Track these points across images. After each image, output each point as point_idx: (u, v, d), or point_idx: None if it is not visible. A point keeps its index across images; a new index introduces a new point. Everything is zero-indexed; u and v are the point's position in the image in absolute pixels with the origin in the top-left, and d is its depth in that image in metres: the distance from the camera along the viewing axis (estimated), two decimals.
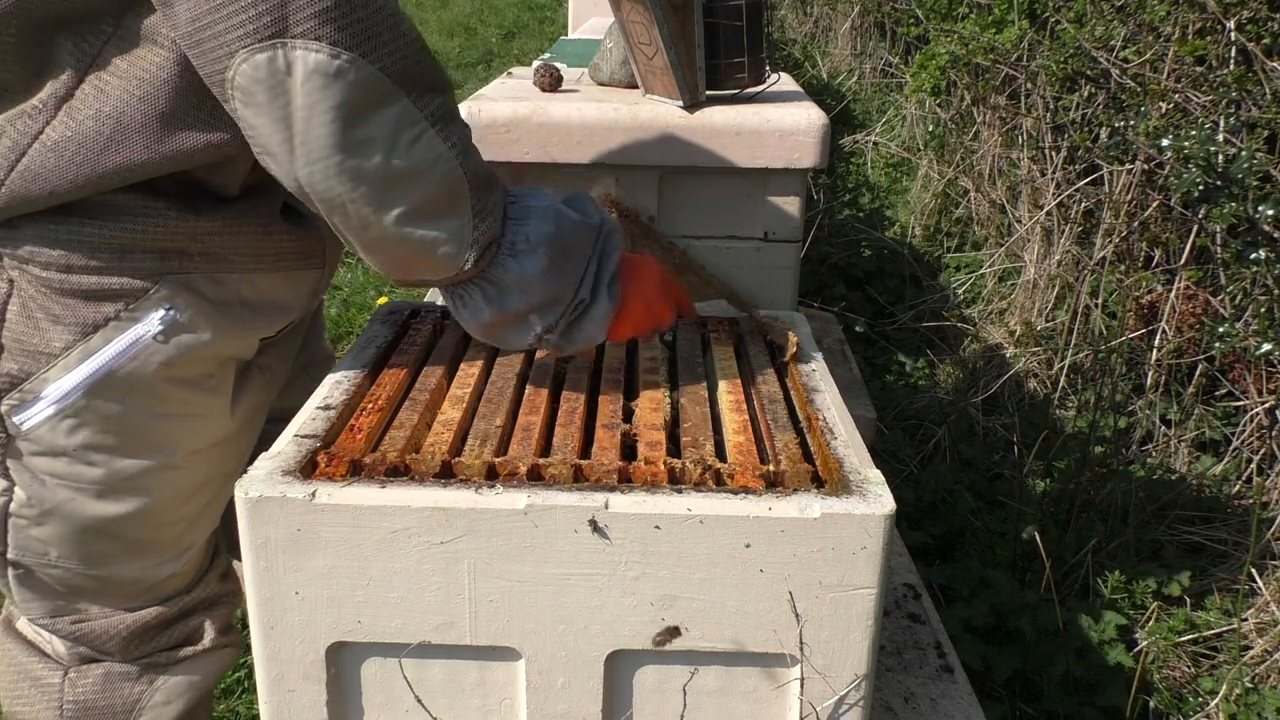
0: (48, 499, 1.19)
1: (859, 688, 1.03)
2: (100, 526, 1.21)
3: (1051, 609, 2.14)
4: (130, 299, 1.13)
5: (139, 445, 1.19)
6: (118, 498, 1.20)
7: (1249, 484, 2.59)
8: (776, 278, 1.97)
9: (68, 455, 1.17)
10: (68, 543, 1.22)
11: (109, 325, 1.13)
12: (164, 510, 1.24)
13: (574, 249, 1.11)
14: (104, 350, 1.13)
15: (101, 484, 1.19)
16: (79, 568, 1.24)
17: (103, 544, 1.23)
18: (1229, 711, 2.00)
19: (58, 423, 1.14)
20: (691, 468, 1.05)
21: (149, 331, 1.13)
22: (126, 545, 1.25)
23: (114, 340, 1.13)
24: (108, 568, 1.25)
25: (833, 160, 5.24)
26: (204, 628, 1.36)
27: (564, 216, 1.11)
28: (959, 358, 3.52)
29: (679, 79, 1.83)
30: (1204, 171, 2.14)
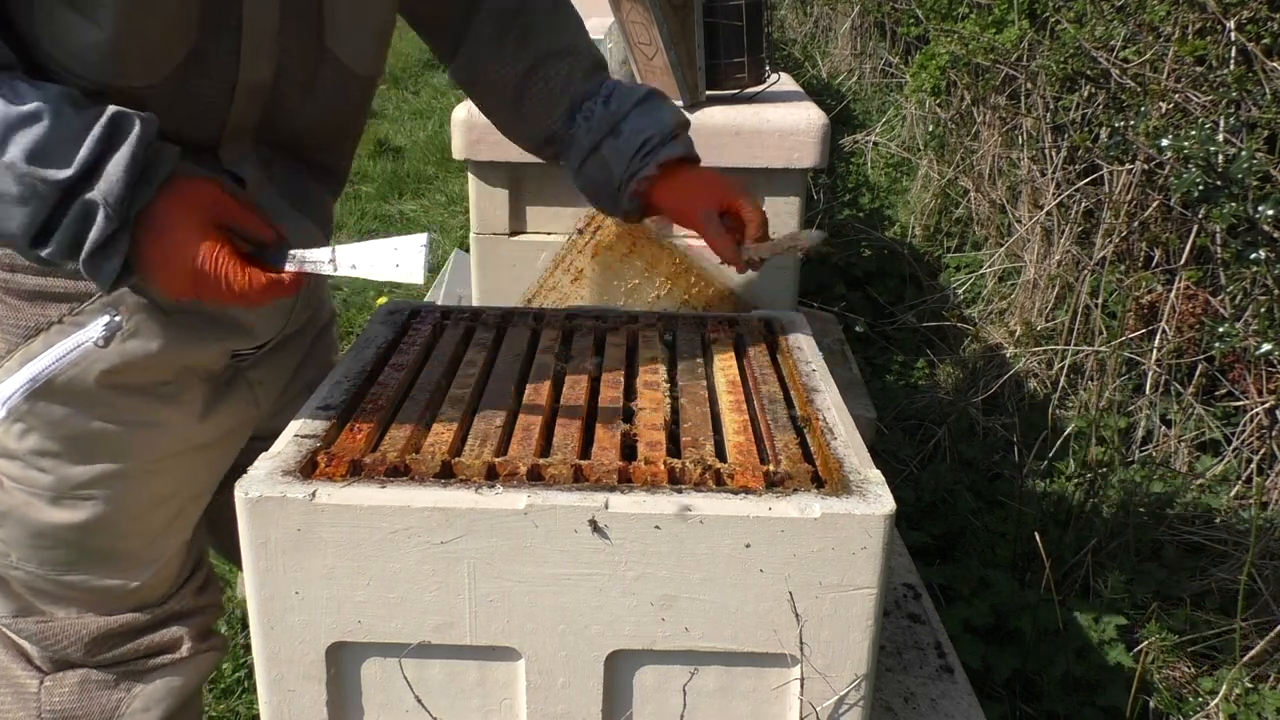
0: (4, 500, 1.17)
1: (859, 688, 1.03)
2: (55, 534, 1.19)
3: (1051, 609, 2.14)
4: (75, 302, 1.10)
5: (87, 452, 1.16)
6: (71, 505, 1.18)
7: (1249, 484, 2.59)
8: (776, 278, 1.97)
9: (20, 459, 1.15)
10: (25, 546, 1.20)
11: (51, 329, 1.10)
12: (122, 521, 1.21)
13: (4, 198, 0.92)
14: (44, 355, 1.10)
15: (53, 490, 1.17)
16: (40, 571, 1.22)
17: (61, 551, 1.21)
18: (1229, 711, 2.00)
19: (9, 425, 1.13)
20: (691, 468, 1.05)
21: (90, 338, 1.10)
22: (86, 554, 1.22)
23: (55, 345, 1.10)
24: (69, 574, 1.23)
25: (833, 160, 5.24)
26: (181, 637, 1.33)
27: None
28: (959, 358, 3.52)
29: (679, 79, 1.83)
30: (1204, 171, 2.14)
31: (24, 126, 0.91)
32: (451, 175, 5.64)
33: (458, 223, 4.95)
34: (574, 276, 1.99)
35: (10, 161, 0.90)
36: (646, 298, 2.00)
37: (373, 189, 5.47)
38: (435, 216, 5.15)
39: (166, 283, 1.00)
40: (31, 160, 0.91)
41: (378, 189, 5.47)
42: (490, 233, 1.97)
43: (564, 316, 1.49)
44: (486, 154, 1.89)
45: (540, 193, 1.95)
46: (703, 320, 1.49)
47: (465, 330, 1.43)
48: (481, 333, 1.43)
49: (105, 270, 0.96)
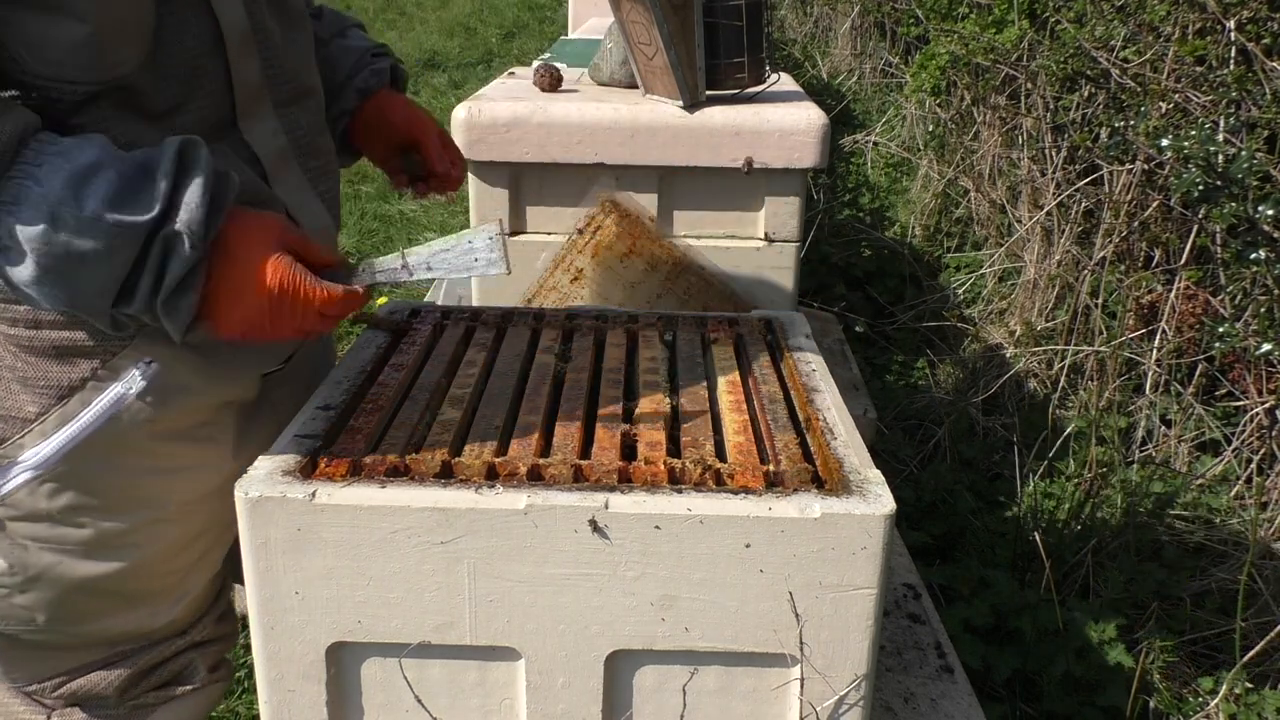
0: (31, 564, 1.12)
1: (859, 688, 1.03)
2: (89, 586, 1.15)
3: (1051, 609, 2.14)
4: (105, 355, 1.06)
5: (127, 503, 1.12)
6: (106, 556, 1.13)
7: (1249, 484, 2.59)
8: (776, 278, 1.97)
9: (51, 518, 1.10)
10: (56, 606, 1.15)
11: (86, 387, 1.06)
12: (157, 563, 1.18)
13: (87, 254, 0.89)
14: (83, 415, 1.06)
15: (88, 544, 1.12)
16: (69, 627, 1.17)
17: (94, 602, 1.17)
18: (1229, 711, 2.00)
19: (36, 487, 1.07)
20: (691, 468, 1.05)
21: (130, 390, 1.06)
22: (119, 600, 1.18)
23: (93, 403, 1.06)
24: (99, 622, 1.19)
25: (833, 160, 5.24)
26: (196, 666, 1.30)
27: (65, 213, 0.87)
28: (959, 358, 3.52)
29: (679, 79, 1.83)
30: (1204, 171, 2.14)
31: (92, 177, 0.88)
32: None
33: (458, 223, 4.95)
34: (574, 276, 1.99)
35: (94, 215, 0.87)
36: (646, 298, 2.00)
37: (373, 189, 5.47)
38: (435, 216, 5.15)
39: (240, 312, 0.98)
40: (113, 208, 0.88)
41: (378, 189, 5.47)
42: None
43: (564, 316, 1.49)
44: (486, 154, 1.89)
45: (540, 193, 1.95)
46: (703, 320, 1.50)
47: (465, 330, 1.43)
48: (481, 333, 1.43)
49: (182, 309, 0.94)
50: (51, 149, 0.88)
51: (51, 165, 0.88)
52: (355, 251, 4.71)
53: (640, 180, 1.92)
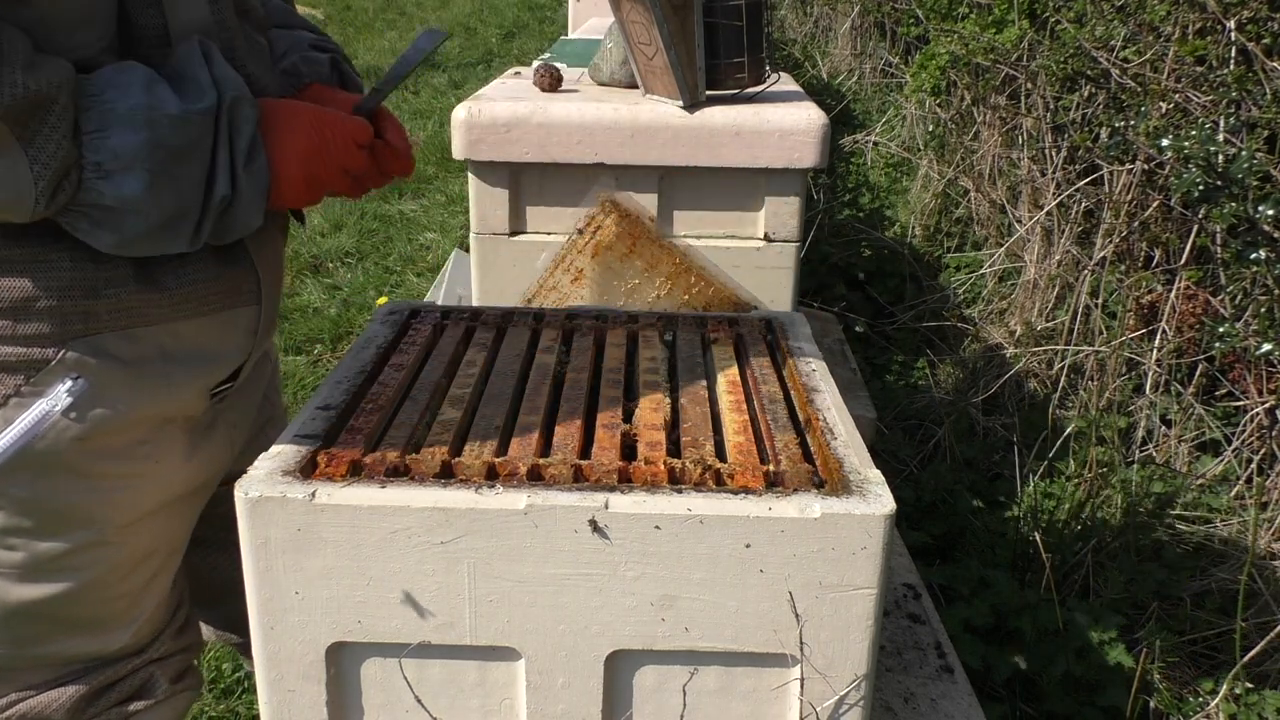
0: None
1: (859, 688, 1.03)
2: (28, 610, 1.11)
3: (1051, 609, 2.14)
4: (30, 370, 1.01)
5: (60, 525, 1.08)
6: (44, 579, 1.10)
7: (1249, 484, 2.59)
8: (776, 278, 1.97)
9: None
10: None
11: (9, 404, 1.01)
12: (102, 588, 1.14)
13: (185, 148, 0.96)
14: (7, 432, 1.01)
15: (23, 567, 1.09)
16: (12, 650, 1.14)
17: (35, 626, 1.13)
18: (1229, 711, 2.00)
19: None
20: (691, 468, 1.05)
21: (55, 407, 1.02)
22: (63, 624, 1.14)
23: (17, 420, 1.01)
24: (45, 646, 1.15)
25: (833, 160, 5.24)
26: (156, 680, 1.25)
27: (158, 115, 0.94)
28: (959, 358, 3.52)
29: (679, 79, 1.83)
30: (1204, 171, 2.14)
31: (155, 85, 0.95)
32: (451, 175, 5.64)
33: (458, 223, 4.96)
34: (574, 276, 1.99)
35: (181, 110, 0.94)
36: (646, 298, 2.00)
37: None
38: (435, 216, 5.15)
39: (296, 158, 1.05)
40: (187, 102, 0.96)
41: (377, 189, 5.46)
42: (490, 233, 1.97)
43: (564, 316, 1.49)
44: (486, 154, 1.89)
45: (540, 193, 1.95)
46: (703, 320, 1.50)
47: (465, 330, 1.43)
48: (481, 333, 1.43)
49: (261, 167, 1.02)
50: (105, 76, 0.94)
51: (118, 86, 0.93)
52: (356, 251, 4.71)
53: (640, 180, 1.92)
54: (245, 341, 1.19)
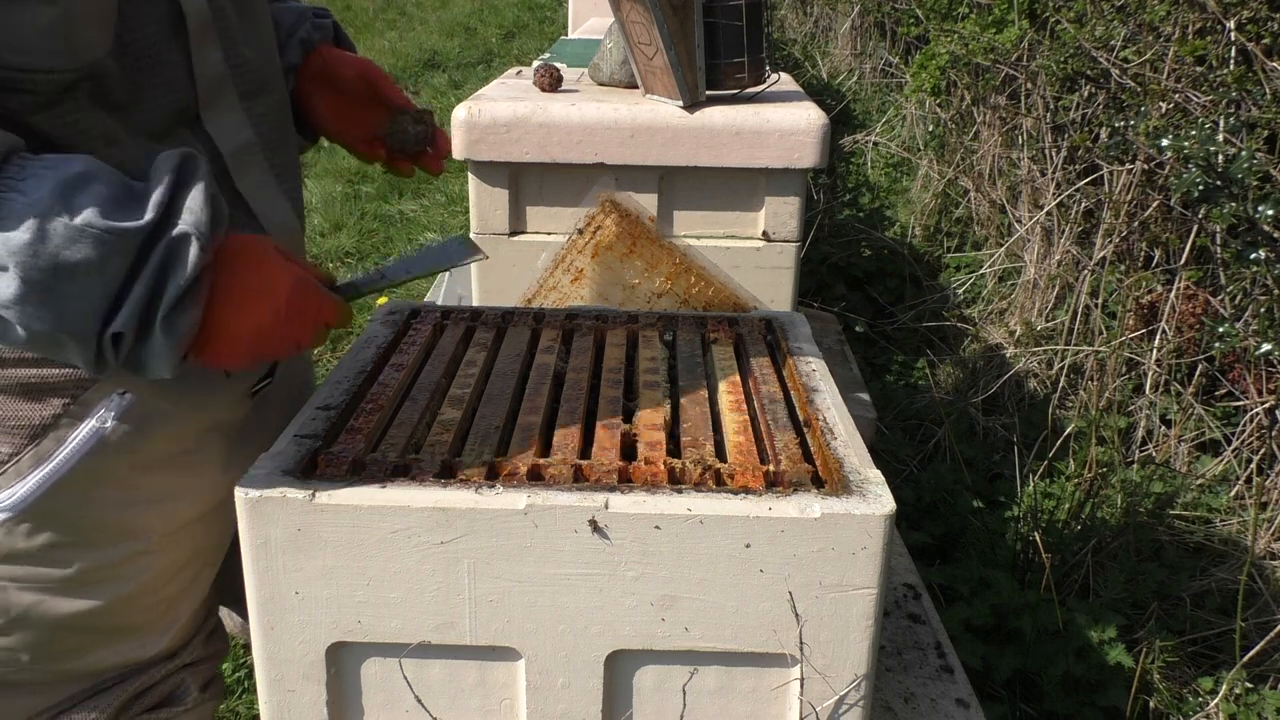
0: (12, 605, 1.08)
1: (859, 688, 1.03)
2: (74, 623, 1.10)
3: (1051, 609, 2.14)
4: (77, 390, 1.01)
5: (108, 537, 1.08)
6: (90, 592, 1.09)
7: (1249, 484, 2.59)
8: (776, 278, 1.97)
9: (29, 558, 1.06)
10: (40, 645, 1.10)
11: (60, 425, 1.01)
12: (143, 595, 1.14)
13: (77, 266, 0.82)
14: (59, 453, 1.02)
15: (70, 581, 1.08)
16: (55, 665, 1.13)
17: (79, 638, 1.12)
18: (1229, 711, 2.00)
19: (13, 526, 1.03)
20: (691, 468, 1.05)
21: (106, 425, 1.02)
22: (105, 635, 1.14)
23: (69, 440, 1.02)
24: (86, 658, 1.14)
25: (833, 160, 5.24)
26: (187, 686, 1.25)
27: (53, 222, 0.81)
28: (959, 358, 3.52)
29: (679, 79, 1.83)
30: (1204, 171, 2.14)
31: (83, 186, 0.83)
32: (451, 175, 5.64)
33: (458, 223, 4.96)
34: (574, 276, 1.99)
35: (85, 223, 0.81)
36: (646, 298, 2.00)
37: (373, 189, 5.47)
38: (435, 216, 5.15)
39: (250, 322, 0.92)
40: (106, 215, 0.82)
41: (378, 189, 5.46)
42: (490, 233, 1.97)
43: (564, 316, 1.49)
44: (486, 154, 1.89)
45: (540, 193, 1.95)
46: (703, 320, 1.50)
47: (465, 330, 1.43)
48: (481, 333, 1.43)
49: (183, 325, 0.88)
50: (37, 163, 0.84)
51: (38, 178, 0.83)
52: (356, 251, 4.71)
53: (640, 180, 1.92)
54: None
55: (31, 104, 0.89)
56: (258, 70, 1.12)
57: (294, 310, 0.95)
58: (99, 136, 0.94)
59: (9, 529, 1.04)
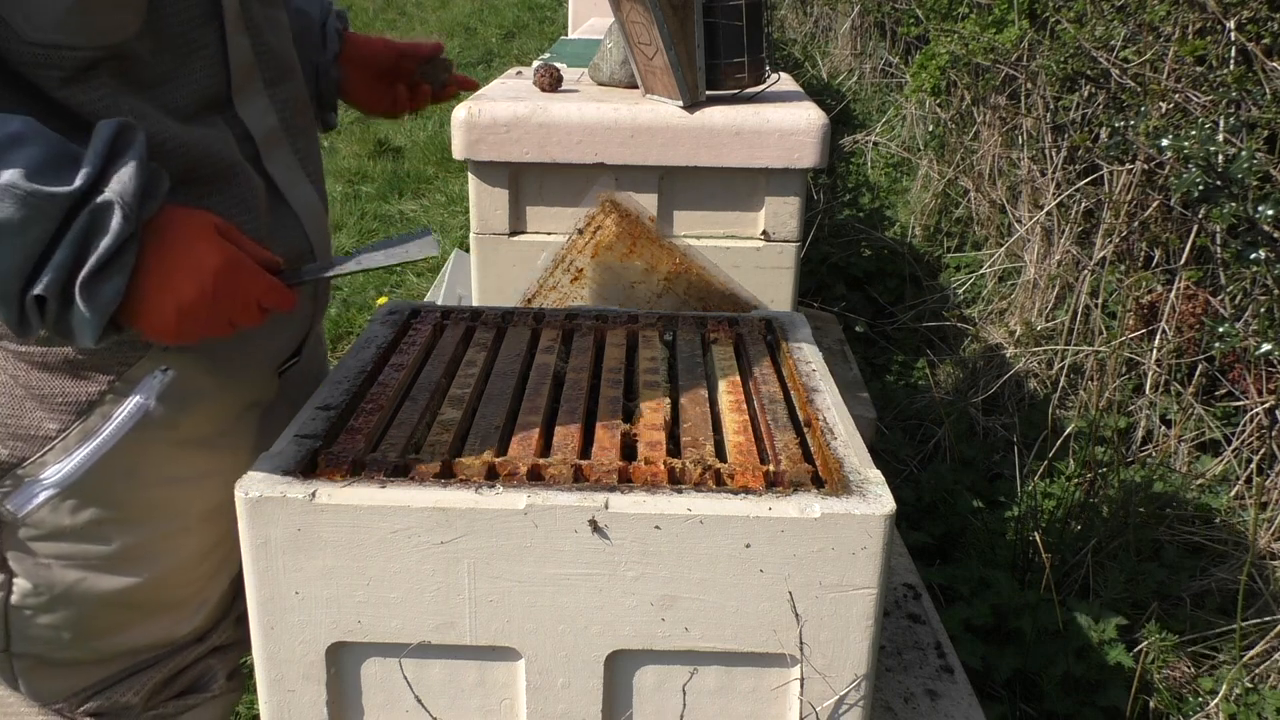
0: (56, 582, 1.11)
1: (859, 688, 1.03)
2: (114, 599, 1.14)
3: (1051, 609, 2.14)
4: (121, 366, 1.05)
5: (149, 515, 1.12)
6: (129, 569, 1.13)
7: (1249, 484, 2.59)
8: (776, 278, 1.97)
9: (74, 534, 1.09)
10: (81, 622, 1.14)
11: (105, 400, 1.05)
12: (179, 573, 1.18)
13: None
14: (104, 428, 1.05)
15: (112, 558, 1.12)
16: (94, 643, 1.17)
17: (118, 615, 1.16)
18: (1229, 711, 2.00)
19: (59, 503, 1.07)
20: (691, 468, 1.05)
21: (149, 400, 1.06)
22: (142, 612, 1.18)
23: (114, 416, 1.05)
24: (123, 636, 1.18)
25: (833, 160, 5.24)
26: (214, 673, 1.29)
27: None
28: (959, 358, 3.52)
29: (679, 79, 1.83)
30: (1204, 171, 2.14)
31: (14, 147, 0.83)
32: (451, 175, 5.64)
33: (458, 223, 4.95)
34: (574, 276, 1.99)
35: (9, 181, 0.81)
36: (646, 298, 2.00)
37: (373, 189, 5.47)
38: (435, 216, 5.15)
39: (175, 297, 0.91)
40: (32, 178, 0.82)
41: (378, 189, 5.47)
42: (490, 233, 1.97)
43: (564, 316, 1.49)
44: (486, 154, 1.89)
45: (540, 193, 1.95)
46: (703, 320, 1.50)
47: (465, 330, 1.43)
48: (481, 333, 1.43)
49: (105, 293, 0.87)
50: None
51: None
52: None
53: (640, 180, 1.92)
54: (306, 307, 1.24)
55: (58, 79, 0.92)
56: (280, 58, 1.17)
57: (222, 288, 0.93)
58: (127, 113, 0.96)
59: (55, 506, 1.07)
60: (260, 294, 0.97)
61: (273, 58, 1.15)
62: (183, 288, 0.91)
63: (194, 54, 1.04)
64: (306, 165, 1.21)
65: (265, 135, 1.13)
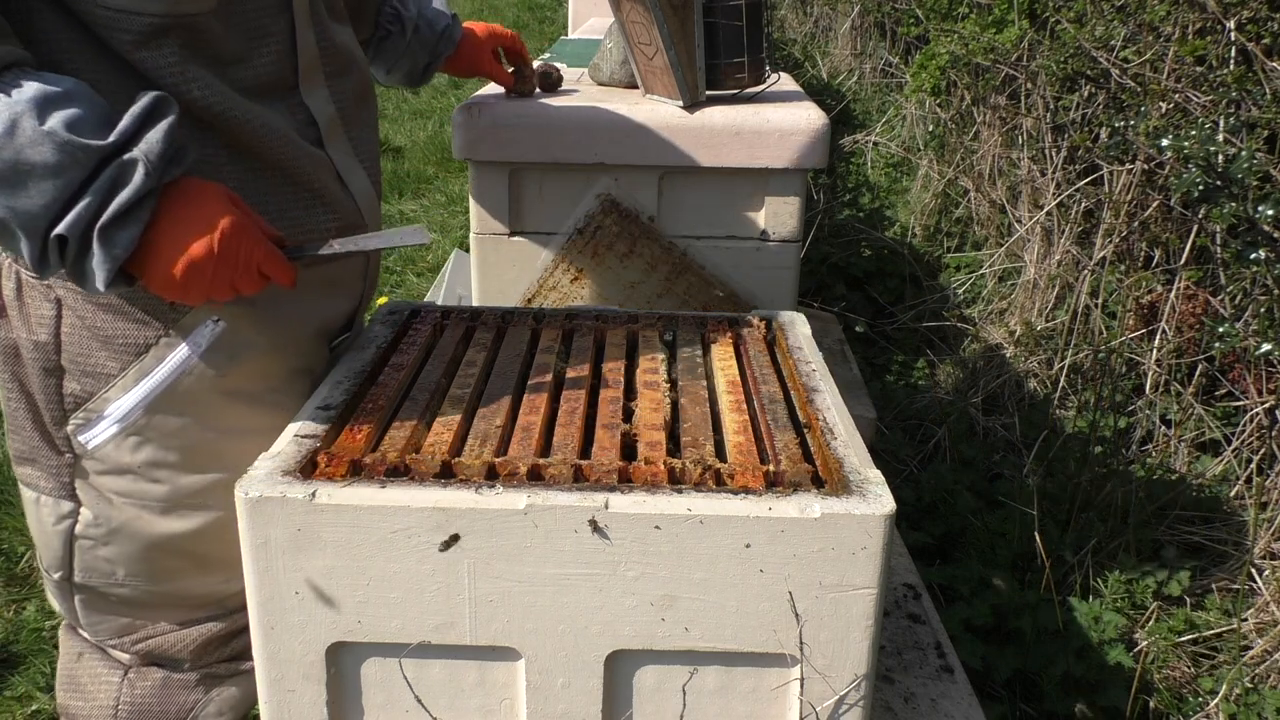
0: (115, 517, 1.20)
1: (859, 688, 1.03)
2: (166, 544, 1.22)
3: (1051, 609, 2.14)
4: (176, 313, 1.13)
5: (202, 461, 1.19)
6: (182, 514, 1.21)
7: (1249, 484, 2.59)
8: (776, 278, 1.97)
9: (133, 472, 1.17)
10: (136, 560, 1.22)
11: (160, 343, 1.14)
12: (230, 526, 1.18)
13: (34, 168, 0.91)
14: (157, 370, 1.14)
15: (166, 500, 1.19)
16: (147, 585, 1.24)
17: (170, 560, 1.23)
18: (1229, 711, 2.00)
19: (122, 440, 1.16)
20: (691, 468, 1.05)
21: (200, 346, 1.14)
22: (194, 561, 1.24)
23: (166, 359, 1.14)
24: (175, 583, 1.25)
25: (833, 160, 5.24)
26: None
27: (23, 125, 0.90)
28: (959, 358, 3.52)
29: (679, 79, 1.83)
30: (1204, 171, 2.14)
31: (61, 103, 0.92)
32: (451, 175, 5.64)
33: (458, 223, 4.95)
34: (574, 276, 1.99)
35: (51, 129, 0.90)
36: (646, 298, 2.00)
37: None
38: (435, 216, 5.15)
39: (184, 253, 0.98)
40: (71, 129, 0.91)
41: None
42: (490, 233, 1.97)
43: (564, 316, 1.49)
44: (486, 154, 1.89)
45: (540, 193, 1.95)
46: (703, 320, 1.50)
47: (465, 330, 1.43)
48: (481, 333, 1.43)
49: (120, 240, 0.94)
50: (33, 74, 0.93)
51: (26, 86, 0.91)
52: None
53: (640, 180, 1.92)
54: (357, 284, 1.33)
55: (129, 42, 1.01)
56: (342, 55, 1.25)
57: (228, 250, 1.00)
58: (194, 81, 1.05)
59: (118, 442, 1.16)
60: (261, 260, 1.03)
61: (336, 52, 1.23)
62: (192, 243, 0.98)
63: (264, 40, 1.12)
64: (360, 153, 1.29)
65: (326, 123, 1.22)
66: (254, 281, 1.04)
